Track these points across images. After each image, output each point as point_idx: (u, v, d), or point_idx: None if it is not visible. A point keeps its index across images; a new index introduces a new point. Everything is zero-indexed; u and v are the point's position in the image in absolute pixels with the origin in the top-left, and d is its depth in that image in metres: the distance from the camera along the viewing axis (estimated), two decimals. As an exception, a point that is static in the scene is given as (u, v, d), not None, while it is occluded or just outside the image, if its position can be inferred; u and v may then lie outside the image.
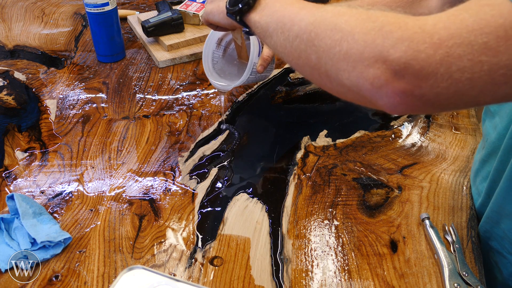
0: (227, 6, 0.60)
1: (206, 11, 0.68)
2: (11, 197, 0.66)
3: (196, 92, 0.96)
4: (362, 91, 0.40)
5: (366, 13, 0.41)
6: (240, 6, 0.57)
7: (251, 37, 0.79)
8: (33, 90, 0.96)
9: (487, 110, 0.69)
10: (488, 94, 0.36)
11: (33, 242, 0.62)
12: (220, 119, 0.88)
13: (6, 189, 0.73)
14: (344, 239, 0.65)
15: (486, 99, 0.37)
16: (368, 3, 0.72)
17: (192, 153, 0.80)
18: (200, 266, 0.61)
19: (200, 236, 0.65)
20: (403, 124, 0.86)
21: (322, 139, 0.83)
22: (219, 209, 0.69)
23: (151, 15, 1.16)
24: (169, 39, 1.08)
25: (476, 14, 0.35)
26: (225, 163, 0.78)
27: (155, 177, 0.75)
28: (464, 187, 0.72)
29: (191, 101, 0.93)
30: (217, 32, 0.85)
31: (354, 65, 0.40)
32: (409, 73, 0.36)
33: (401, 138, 0.83)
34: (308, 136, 0.84)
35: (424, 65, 0.35)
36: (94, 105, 0.92)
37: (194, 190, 0.73)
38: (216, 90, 0.95)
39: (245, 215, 0.68)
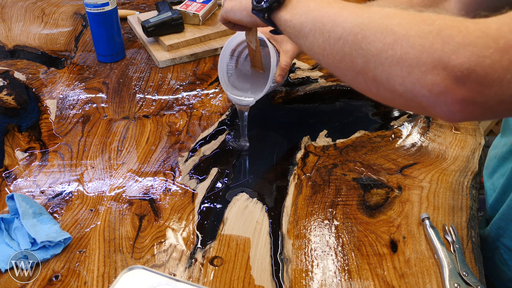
0: (254, 3, 0.57)
1: (226, 8, 0.65)
2: (11, 197, 0.66)
3: (196, 92, 0.96)
4: (418, 97, 0.39)
5: (420, 15, 0.40)
6: (269, 4, 0.54)
7: (270, 47, 0.75)
8: (33, 90, 0.96)
9: None
10: None
11: (33, 242, 0.62)
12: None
13: (6, 189, 0.73)
14: (344, 239, 0.65)
15: None
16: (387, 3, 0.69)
17: (192, 152, 0.80)
18: (200, 266, 0.61)
19: (200, 236, 0.65)
20: (403, 124, 0.86)
21: (322, 139, 0.83)
22: (219, 209, 0.69)
23: (151, 15, 1.16)
24: (169, 39, 1.08)
25: None
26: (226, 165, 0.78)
27: (155, 177, 0.75)
28: (464, 187, 0.72)
29: (191, 101, 0.93)
30: (231, 43, 0.80)
31: (409, 71, 0.38)
32: (472, 79, 0.35)
33: (401, 138, 0.83)
34: (308, 136, 0.84)
35: (489, 71, 0.34)
36: (94, 105, 0.92)
37: (194, 190, 0.73)
38: (216, 90, 0.95)
39: (245, 215, 0.68)
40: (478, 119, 0.39)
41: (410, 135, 0.84)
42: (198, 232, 0.66)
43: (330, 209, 0.69)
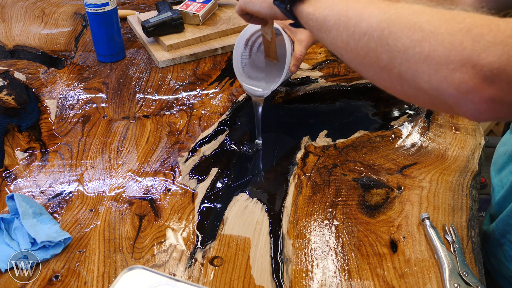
0: None
1: None
2: (11, 197, 0.66)
3: (196, 92, 0.96)
4: (444, 96, 0.38)
5: (449, 12, 0.39)
6: None
7: (285, 37, 0.75)
8: (33, 90, 0.96)
9: None
10: None
11: (33, 242, 0.62)
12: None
13: (6, 189, 0.73)
14: (344, 239, 0.65)
15: None
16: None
17: (192, 152, 0.80)
18: (200, 266, 0.61)
19: (200, 236, 0.65)
20: (403, 124, 0.86)
21: (322, 139, 0.83)
22: (219, 209, 0.69)
23: (151, 15, 1.16)
24: (169, 39, 1.08)
25: None
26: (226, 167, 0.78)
27: (155, 177, 0.75)
28: (464, 187, 0.72)
29: (191, 101, 0.93)
30: (246, 33, 0.80)
31: (437, 68, 0.38)
32: (502, 79, 0.35)
33: (401, 138, 0.83)
34: (308, 136, 0.84)
35: None
36: (94, 105, 0.92)
37: (194, 190, 0.73)
38: (216, 90, 0.95)
39: (245, 215, 0.68)
40: (504, 119, 0.39)
41: (410, 135, 0.84)
42: (198, 232, 0.66)
43: (330, 209, 0.69)
